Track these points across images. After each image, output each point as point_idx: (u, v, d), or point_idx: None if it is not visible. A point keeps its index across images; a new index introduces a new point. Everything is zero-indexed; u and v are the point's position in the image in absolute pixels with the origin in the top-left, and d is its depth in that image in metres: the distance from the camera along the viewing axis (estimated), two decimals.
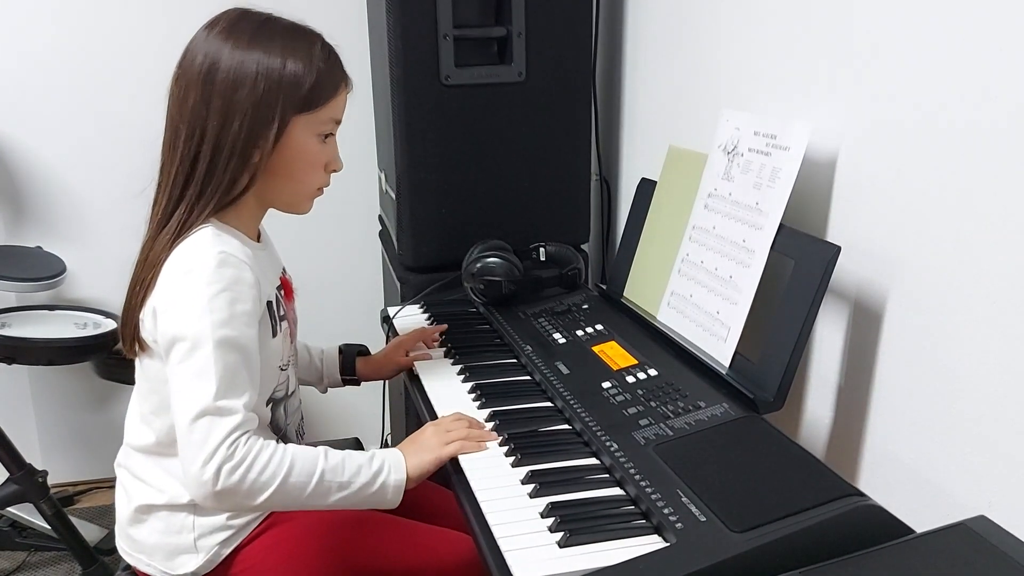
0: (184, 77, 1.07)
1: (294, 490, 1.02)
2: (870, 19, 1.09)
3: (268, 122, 1.06)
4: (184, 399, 1.00)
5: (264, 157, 1.07)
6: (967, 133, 0.95)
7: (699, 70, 1.54)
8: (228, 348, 1.01)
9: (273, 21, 1.10)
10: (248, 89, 1.05)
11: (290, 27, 1.10)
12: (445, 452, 1.10)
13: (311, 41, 1.09)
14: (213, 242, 1.06)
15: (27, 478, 1.90)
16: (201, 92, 1.05)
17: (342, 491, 1.05)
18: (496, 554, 0.91)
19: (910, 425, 1.07)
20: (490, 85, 1.70)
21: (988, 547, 0.78)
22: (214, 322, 1.01)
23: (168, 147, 1.09)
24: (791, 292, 1.10)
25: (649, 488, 0.97)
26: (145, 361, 1.13)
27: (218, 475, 0.98)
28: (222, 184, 1.07)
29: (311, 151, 1.11)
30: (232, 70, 1.05)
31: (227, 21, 1.08)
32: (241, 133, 1.05)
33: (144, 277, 1.08)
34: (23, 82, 2.11)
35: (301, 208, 1.17)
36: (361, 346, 1.48)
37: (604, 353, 1.31)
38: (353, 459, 1.07)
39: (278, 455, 1.02)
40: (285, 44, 1.07)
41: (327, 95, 1.09)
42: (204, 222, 1.08)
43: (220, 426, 0.99)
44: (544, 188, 1.79)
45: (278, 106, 1.06)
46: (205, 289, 1.02)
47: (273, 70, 1.05)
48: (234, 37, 1.06)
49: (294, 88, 1.06)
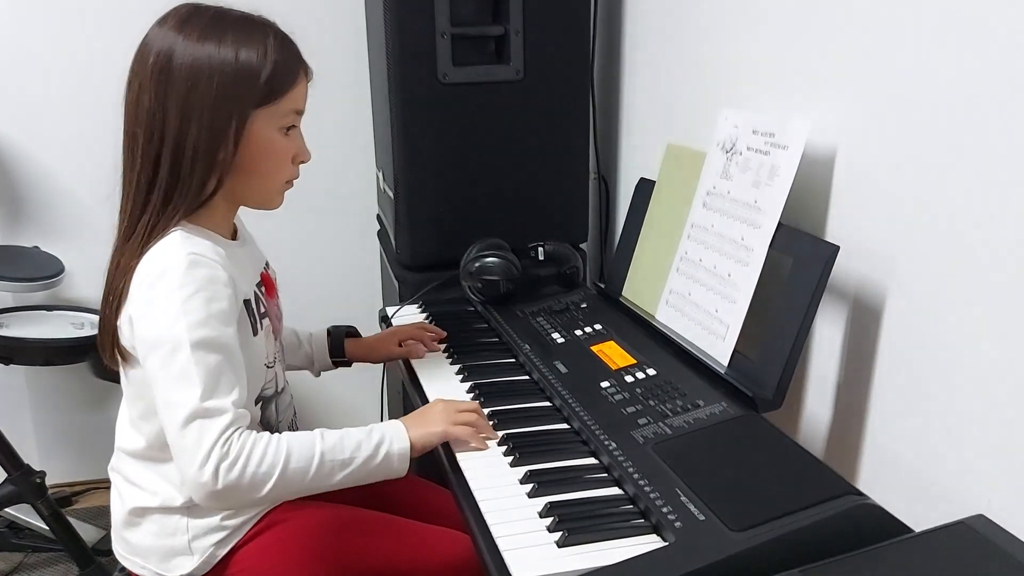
0: (137, 78, 1.05)
1: (296, 476, 1.01)
2: (868, 17, 1.09)
3: (227, 119, 1.03)
4: (171, 405, 0.99)
5: (228, 156, 1.05)
6: (965, 131, 0.95)
7: (697, 68, 1.53)
8: (208, 348, 1.00)
9: (224, 13, 1.07)
10: (203, 87, 1.02)
11: (241, 18, 1.06)
12: (453, 430, 1.09)
13: (264, 32, 1.06)
14: (182, 244, 1.04)
15: (24, 479, 1.90)
16: (155, 93, 1.03)
17: (345, 468, 1.04)
18: (494, 554, 0.91)
19: (909, 423, 1.07)
20: (488, 84, 1.70)
21: (987, 546, 0.78)
22: (190, 324, 0.99)
23: (127, 153, 1.06)
24: (790, 290, 1.10)
25: (648, 487, 0.97)
26: (128, 369, 1.11)
27: (217, 474, 0.97)
28: (189, 189, 1.05)
29: (275, 145, 1.09)
30: (185, 68, 1.02)
31: (177, 16, 1.05)
32: (201, 134, 1.03)
33: (116, 286, 1.06)
34: (21, 82, 2.11)
35: (272, 203, 1.15)
36: (350, 327, 1.47)
37: (603, 352, 1.31)
38: (351, 435, 1.06)
39: (273, 445, 1.01)
40: (237, 36, 1.04)
41: (285, 86, 1.06)
42: (174, 226, 1.05)
43: (211, 427, 0.98)
44: (542, 187, 1.79)
45: (235, 102, 1.03)
46: (178, 292, 1.00)
47: (227, 64, 1.02)
48: (185, 32, 1.03)
49: (250, 81, 1.04)
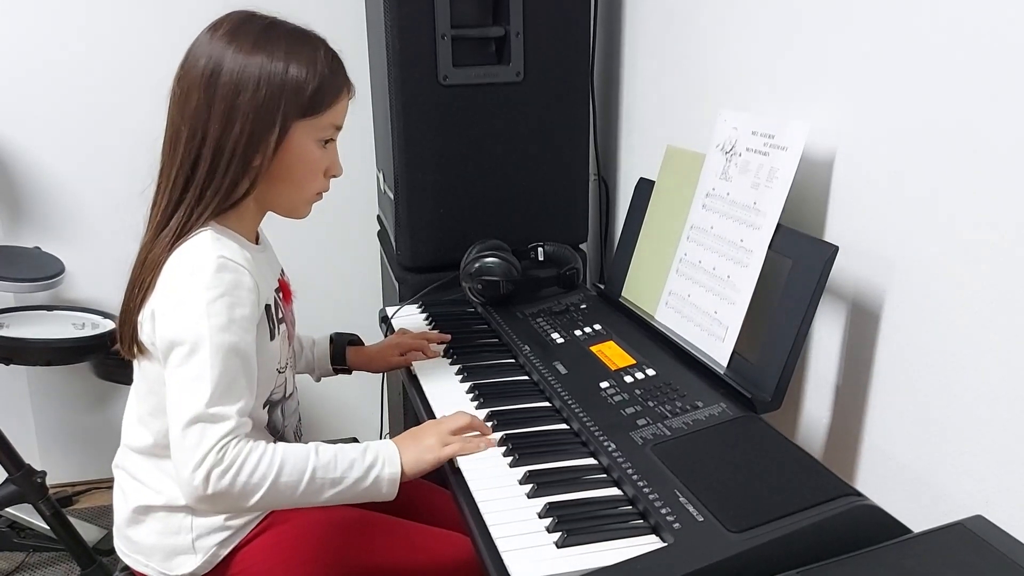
0: (186, 79, 1.07)
1: (286, 489, 1.02)
2: (868, 19, 1.09)
3: (269, 127, 1.05)
4: (179, 404, 1.00)
5: (265, 162, 1.07)
6: (965, 132, 0.95)
7: (697, 70, 1.54)
8: (226, 353, 1.01)
9: (277, 25, 1.09)
10: (250, 94, 1.04)
11: (294, 32, 1.09)
12: (444, 453, 1.10)
13: (315, 47, 1.09)
14: (212, 246, 1.05)
15: (26, 478, 1.90)
16: (203, 95, 1.05)
17: (335, 487, 1.05)
18: (494, 554, 0.91)
19: (907, 425, 1.07)
20: (488, 85, 1.70)
21: (985, 547, 0.78)
22: (212, 327, 1.01)
23: (168, 149, 1.09)
24: (789, 292, 1.10)
25: (647, 488, 0.97)
26: (144, 363, 1.13)
27: (208, 479, 0.98)
28: (222, 188, 1.07)
29: (312, 156, 1.11)
30: (234, 74, 1.04)
31: (231, 24, 1.08)
32: (242, 137, 1.05)
33: (143, 279, 1.08)
34: (22, 82, 2.11)
35: (300, 213, 1.17)
36: (353, 335, 1.48)
37: (602, 353, 1.31)
38: (345, 454, 1.07)
39: (267, 456, 1.02)
40: (289, 49, 1.06)
41: (329, 101, 1.09)
42: (203, 225, 1.07)
43: (212, 432, 0.99)
44: (542, 188, 1.79)
45: (280, 111, 1.05)
46: (204, 294, 1.02)
47: (276, 75, 1.05)
48: (237, 41, 1.06)
49: (296, 93, 1.06)
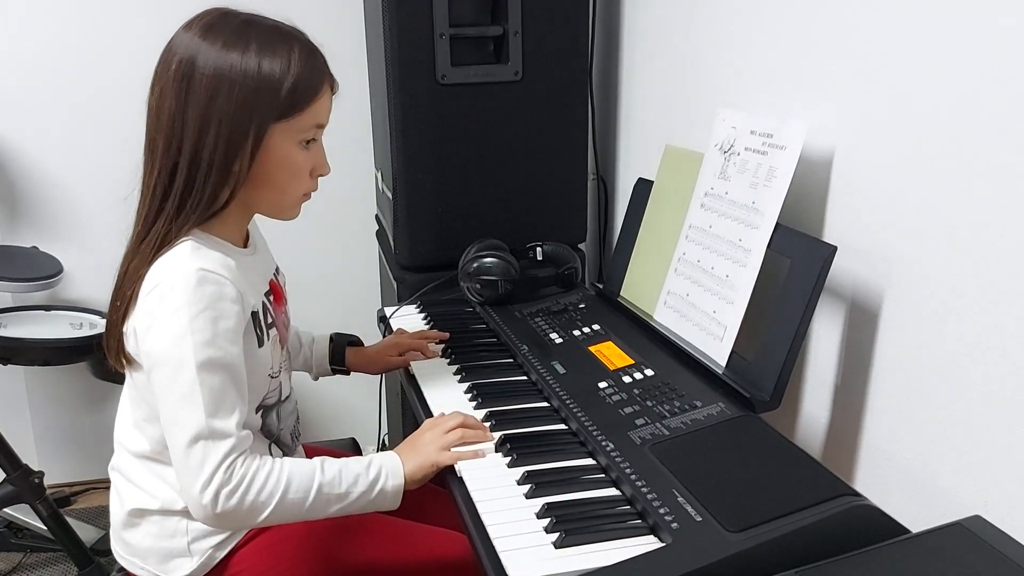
0: (159, 82, 1.03)
1: (293, 506, 1.03)
2: (866, 18, 1.09)
3: (244, 133, 1.01)
4: (175, 424, 1.00)
5: (243, 168, 1.02)
6: (963, 131, 0.95)
7: (695, 69, 1.54)
8: (213, 369, 1.00)
9: (252, 22, 1.03)
10: (223, 97, 0.99)
11: (269, 28, 1.03)
12: (443, 459, 1.09)
13: (289, 43, 1.03)
14: (192, 258, 1.02)
15: (23, 479, 1.90)
16: (176, 100, 1.01)
17: (341, 502, 1.05)
18: (492, 554, 0.91)
19: (906, 424, 1.07)
20: (486, 84, 1.70)
21: (984, 547, 0.78)
22: (196, 344, 0.99)
23: (147, 157, 1.05)
24: (787, 291, 1.10)
25: (645, 488, 0.97)
26: (134, 373, 1.10)
27: (217, 499, 0.98)
28: (203, 199, 1.03)
29: (293, 160, 1.06)
30: (207, 76, 0.99)
31: (204, 21, 1.03)
32: (218, 145, 1.00)
33: (124, 291, 1.05)
34: (20, 82, 2.11)
35: (287, 215, 1.12)
36: (353, 336, 1.47)
37: (600, 353, 1.31)
38: (350, 468, 1.06)
39: (275, 474, 1.02)
40: (261, 47, 1.01)
41: (306, 100, 1.03)
42: (185, 235, 1.04)
43: (215, 450, 0.99)
44: (541, 187, 1.79)
45: (254, 115, 1.00)
46: (186, 310, 0.99)
47: (249, 75, 0.99)
48: (210, 39, 1.01)
49: (270, 95, 1.01)
